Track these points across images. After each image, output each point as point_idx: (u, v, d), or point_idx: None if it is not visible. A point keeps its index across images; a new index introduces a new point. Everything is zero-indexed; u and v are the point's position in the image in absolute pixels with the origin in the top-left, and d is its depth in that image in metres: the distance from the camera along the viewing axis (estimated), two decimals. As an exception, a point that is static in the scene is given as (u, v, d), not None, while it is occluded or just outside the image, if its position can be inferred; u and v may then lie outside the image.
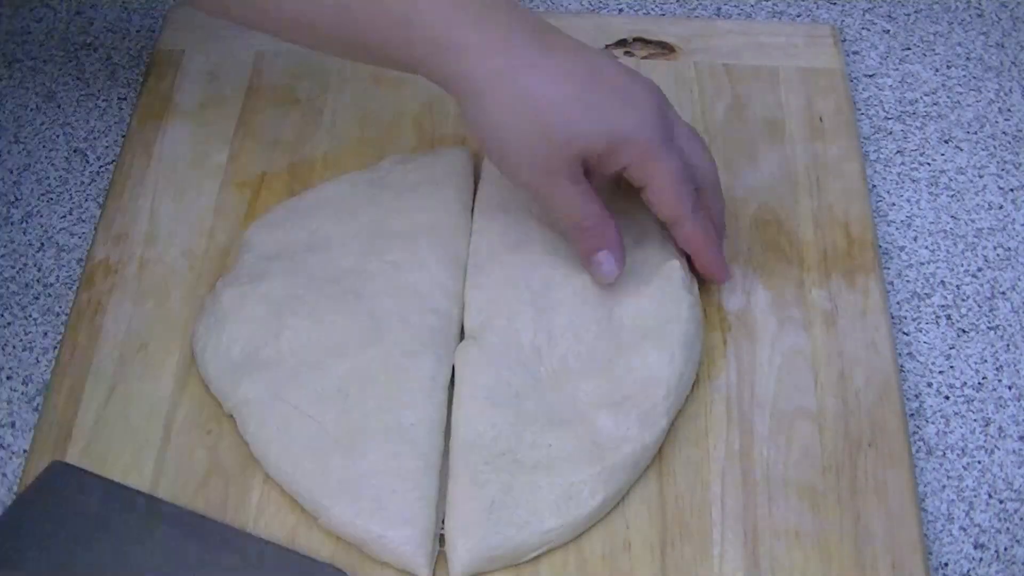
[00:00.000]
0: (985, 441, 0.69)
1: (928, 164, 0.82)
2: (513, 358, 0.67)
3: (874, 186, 0.80)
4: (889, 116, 0.84)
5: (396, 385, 0.66)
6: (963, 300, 0.75)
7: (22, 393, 0.70)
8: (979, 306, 0.75)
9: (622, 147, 0.64)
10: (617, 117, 0.64)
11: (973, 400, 0.71)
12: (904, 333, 0.73)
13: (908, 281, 0.76)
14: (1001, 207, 0.80)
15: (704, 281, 0.72)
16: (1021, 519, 0.66)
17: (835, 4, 0.91)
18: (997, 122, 0.84)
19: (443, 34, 0.64)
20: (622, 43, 0.86)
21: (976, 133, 0.83)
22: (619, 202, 0.70)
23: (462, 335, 0.70)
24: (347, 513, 0.62)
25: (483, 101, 0.64)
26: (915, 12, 0.91)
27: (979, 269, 0.77)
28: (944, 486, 0.67)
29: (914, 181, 0.81)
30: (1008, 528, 0.66)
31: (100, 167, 0.81)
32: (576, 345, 0.67)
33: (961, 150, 0.83)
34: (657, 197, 0.67)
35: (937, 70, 0.87)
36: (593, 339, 0.68)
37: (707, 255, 0.70)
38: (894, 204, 0.80)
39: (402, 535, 0.62)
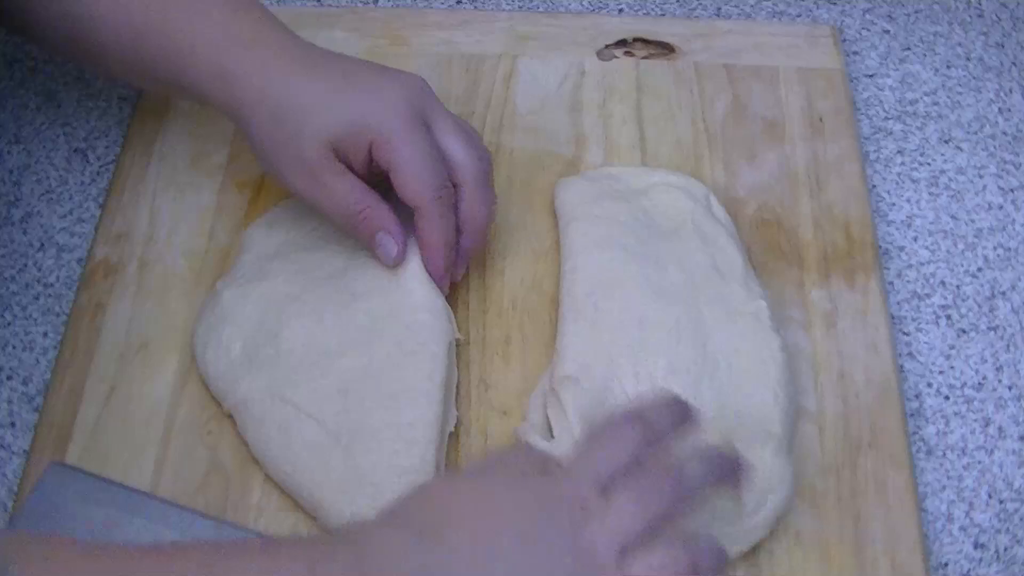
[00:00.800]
0: (985, 441, 0.69)
1: (928, 164, 0.82)
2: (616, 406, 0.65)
3: (874, 186, 0.80)
4: (889, 116, 0.84)
5: (393, 384, 0.66)
6: (963, 300, 0.75)
7: (22, 393, 0.70)
8: (979, 306, 0.75)
9: (364, 130, 0.66)
10: (360, 107, 0.67)
11: (973, 400, 0.71)
12: (904, 333, 0.73)
13: (908, 281, 0.76)
14: (1001, 207, 0.80)
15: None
16: (1021, 519, 0.66)
17: (835, 4, 0.91)
18: (997, 122, 0.84)
19: (217, 63, 0.68)
20: (622, 43, 0.86)
21: (976, 133, 0.83)
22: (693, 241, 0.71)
23: (460, 337, 0.70)
24: (345, 512, 0.62)
25: (250, 124, 0.68)
26: (915, 12, 0.91)
27: (979, 269, 0.77)
28: (944, 486, 0.67)
29: (914, 181, 0.81)
30: (1008, 528, 0.66)
31: (100, 167, 0.81)
32: (680, 390, 0.65)
33: (961, 150, 0.83)
34: (398, 179, 0.67)
35: (937, 70, 0.87)
36: (694, 383, 0.66)
37: (432, 249, 0.68)
38: (894, 204, 0.80)
39: None
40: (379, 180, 0.68)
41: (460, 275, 0.72)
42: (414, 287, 0.69)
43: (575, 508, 0.53)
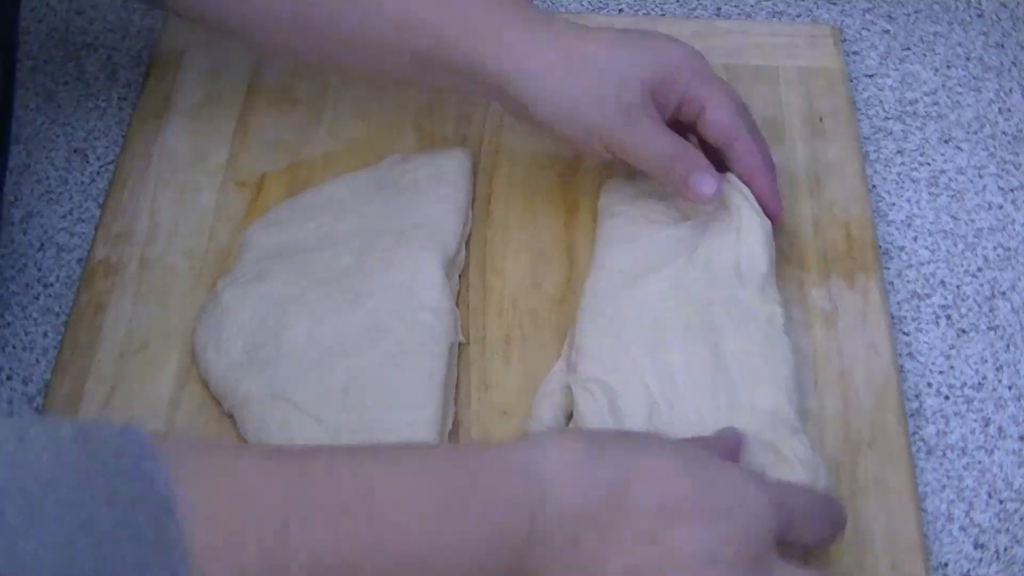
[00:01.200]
0: (985, 441, 0.69)
1: (928, 164, 0.82)
2: (644, 410, 0.65)
3: (874, 186, 0.80)
4: (889, 116, 0.84)
5: (394, 384, 0.66)
6: (963, 300, 0.75)
7: (22, 393, 0.70)
8: (979, 306, 0.75)
9: (680, 72, 0.70)
10: (668, 50, 0.70)
11: (973, 400, 0.71)
12: (904, 333, 0.73)
13: (908, 281, 0.76)
14: (1001, 207, 0.80)
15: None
16: (1021, 519, 0.66)
17: (835, 4, 0.91)
18: (997, 122, 0.84)
19: (498, 33, 0.69)
20: (622, 43, 0.86)
21: (976, 133, 0.83)
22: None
23: (462, 335, 0.70)
24: None
25: (546, 79, 0.69)
26: (915, 12, 0.91)
27: (979, 269, 0.76)
28: (944, 486, 0.67)
29: (914, 181, 0.81)
30: (1008, 528, 0.66)
31: (100, 167, 0.81)
32: (698, 392, 0.66)
33: (961, 150, 0.83)
34: (716, 116, 0.70)
35: (937, 70, 0.87)
36: (710, 383, 0.66)
37: (765, 180, 0.71)
38: (894, 204, 0.80)
39: None
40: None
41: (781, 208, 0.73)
42: (422, 289, 0.69)
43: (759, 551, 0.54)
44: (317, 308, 0.69)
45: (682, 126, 0.72)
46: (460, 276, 0.73)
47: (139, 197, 0.78)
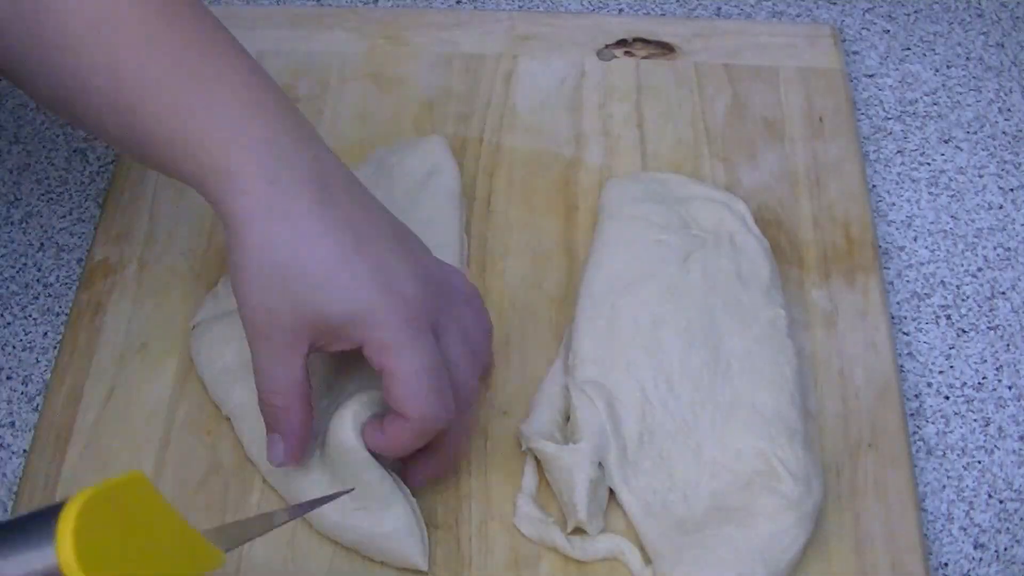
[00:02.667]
0: (985, 441, 0.69)
1: (928, 164, 0.82)
2: (639, 411, 0.65)
3: (874, 186, 0.80)
4: (889, 116, 0.84)
5: None
6: (963, 300, 0.75)
7: (22, 393, 0.70)
8: (979, 306, 0.75)
9: (362, 324, 0.58)
10: (365, 290, 0.58)
11: (973, 400, 0.71)
12: (904, 333, 0.73)
13: (908, 281, 0.76)
14: (1001, 207, 0.80)
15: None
16: (1021, 519, 0.66)
17: (835, 4, 0.91)
18: (997, 122, 0.84)
19: (215, 159, 0.59)
20: (622, 43, 0.86)
21: (976, 133, 0.83)
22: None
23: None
24: (336, 514, 0.62)
25: (237, 238, 0.58)
26: (915, 12, 0.91)
27: (979, 269, 0.77)
28: (944, 486, 0.67)
29: (914, 181, 0.81)
30: (1008, 528, 0.66)
31: (100, 167, 0.81)
32: (696, 393, 0.66)
33: (961, 150, 0.83)
34: (391, 391, 0.59)
35: (937, 70, 0.87)
36: (708, 384, 0.66)
37: (391, 451, 0.61)
38: (894, 204, 0.80)
39: (393, 530, 0.61)
40: None
41: (418, 483, 0.64)
42: None
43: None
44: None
45: None
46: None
47: (139, 197, 0.78)
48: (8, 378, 0.71)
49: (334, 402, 0.64)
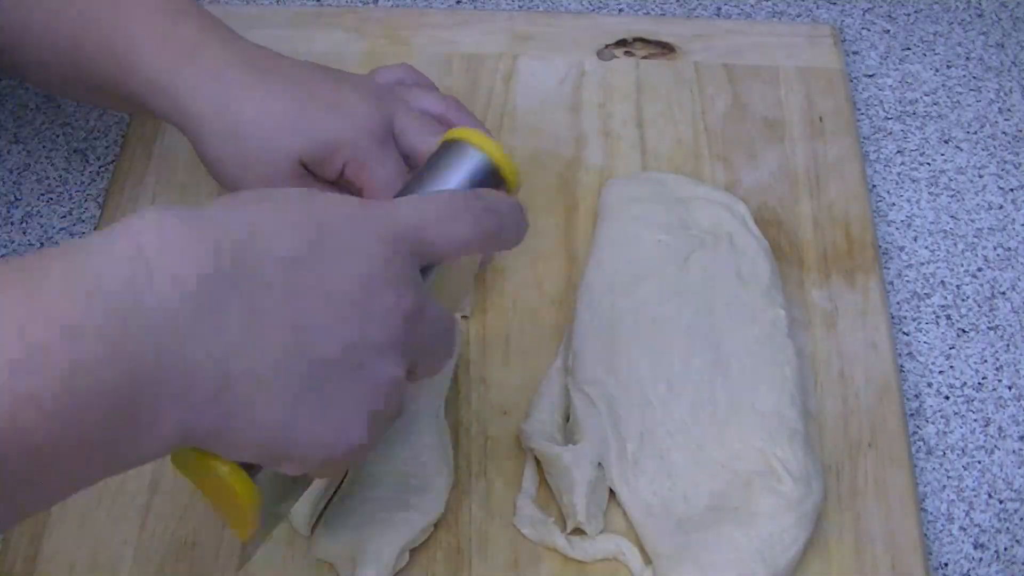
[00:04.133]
0: (985, 441, 0.69)
1: (928, 164, 0.82)
2: (639, 411, 0.65)
3: (874, 186, 0.80)
4: (889, 116, 0.84)
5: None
6: (963, 300, 0.75)
7: (22, 393, 0.70)
8: (979, 306, 0.75)
9: (337, 152, 0.66)
10: (330, 125, 0.65)
11: (973, 400, 0.71)
12: (904, 333, 0.73)
13: (908, 281, 0.76)
14: (1001, 207, 0.80)
15: None
16: (1021, 519, 0.66)
17: (835, 4, 0.91)
18: (997, 122, 0.84)
19: (161, 73, 0.65)
20: (622, 43, 0.86)
21: (976, 133, 0.83)
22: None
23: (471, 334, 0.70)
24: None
25: (203, 139, 0.65)
26: (915, 12, 0.91)
27: (979, 269, 0.77)
28: (944, 486, 0.67)
29: (914, 181, 0.81)
30: (1008, 528, 0.66)
31: (100, 167, 0.81)
32: (696, 393, 0.66)
33: (961, 150, 0.83)
34: (374, 177, 0.66)
35: (937, 70, 0.87)
36: (708, 383, 0.66)
37: None
38: (894, 204, 0.80)
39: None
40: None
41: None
42: None
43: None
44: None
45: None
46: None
47: (139, 197, 0.78)
48: (8, 378, 0.71)
49: None
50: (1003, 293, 0.75)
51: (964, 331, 0.74)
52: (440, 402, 0.66)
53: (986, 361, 0.72)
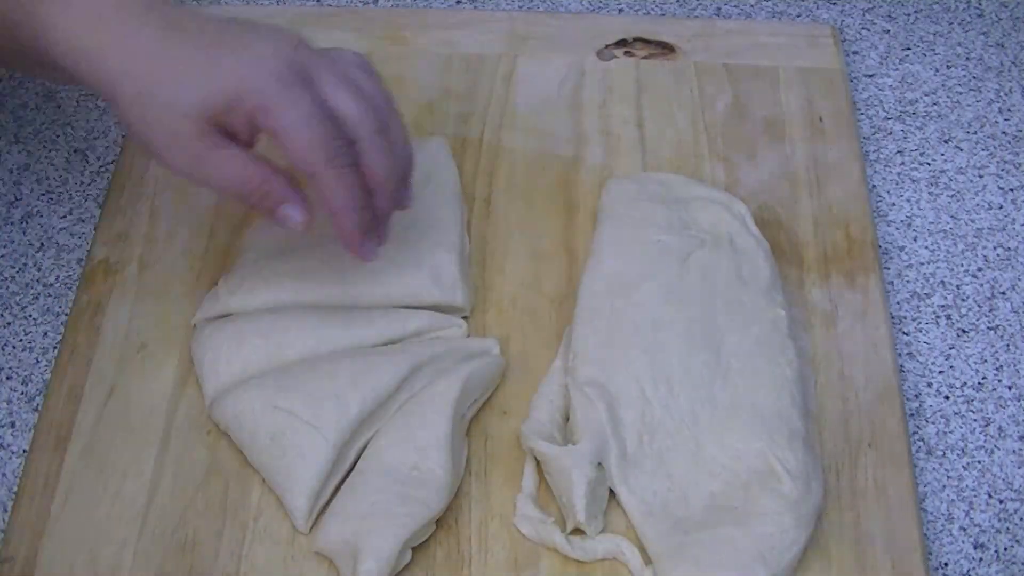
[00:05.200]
0: (985, 441, 0.69)
1: (928, 164, 0.82)
2: (639, 412, 0.65)
3: (874, 186, 0.80)
4: (889, 116, 0.84)
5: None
6: (963, 300, 0.75)
7: (22, 393, 0.70)
8: (979, 306, 0.75)
9: (240, 99, 0.61)
10: (232, 71, 0.61)
11: (973, 400, 0.71)
12: (904, 333, 0.73)
13: (908, 281, 0.76)
14: (1001, 207, 0.80)
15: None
16: (1021, 519, 0.66)
17: (835, 4, 0.91)
18: (997, 122, 0.84)
19: (77, 37, 0.62)
20: (622, 43, 0.86)
21: (976, 133, 0.83)
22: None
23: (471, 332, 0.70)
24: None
25: (117, 101, 0.62)
26: (915, 12, 0.91)
27: (979, 269, 0.77)
28: (944, 486, 0.67)
29: (914, 181, 0.81)
30: (1008, 528, 0.66)
31: (100, 167, 0.81)
32: (696, 393, 0.66)
33: (961, 150, 0.83)
34: (285, 147, 0.61)
35: (937, 70, 0.87)
36: (707, 384, 0.66)
37: (338, 216, 0.63)
38: (894, 204, 0.80)
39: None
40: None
41: (384, 238, 0.66)
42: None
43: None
44: (317, 311, 0.69)
45: None
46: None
47: (139, 197, 0.78)
48: (8, 378, 0.71)
49: None
50: (1003, 293, 0.75)
51: (964, 331, 0.74)
52: (469, 405, 0.67)
53: (986, 361, 0.72)
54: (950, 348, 0.73)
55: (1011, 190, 0.80)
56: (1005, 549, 0.65)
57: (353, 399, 0.65)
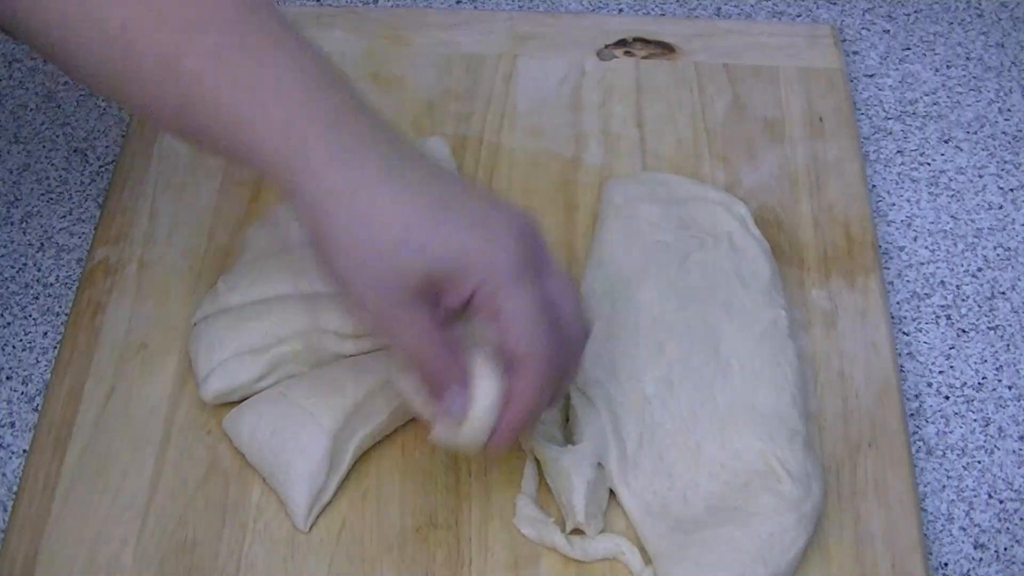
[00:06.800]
0: (985, 441, 0.69)
1: (928, 164, 0.82)
2: (639, 412, 0.65)
3: (874, 186, 0.80)
4: (889, 116, 0.84)
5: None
6: (963, 300, 0.75)
7: (22, 393, 0.70)
8: (979, 306, 0.75)
9: (468, 275, 0.57)
10: (467, 238, 0.57)
11: (973, 400, 0.71)
12: (904, 333, 0.73)
13: (908, 281, 0.76)
14: (1001, 207, 0.80)
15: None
16: (1021, 519, 0.66)
17: (835, 4, 0.91)
18: (997, 122, 0.84)
19: (286, 146, 0.57)
20: (622, 43, 0.86)
21: (976, 133, 0.83)
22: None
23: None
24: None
25: (322, 224, 0.57)
26: (915, 12, 0.91)
27: (979, 269, 0.77)
28: (944, 486, 0.67)
29: (914, 181, 0.81)
30: (1008, 528, 0.66)
31: (100, 167, 0.81)
32: (696, 393, 0.66)
33: (961, 150, 0.83)
34: (507, 332, 0.57)
35: (937, 70, 0.87)
36: (707, 384, 0.66)
37: (518, 407, 0.59)
38: (894, 204, 0.80)
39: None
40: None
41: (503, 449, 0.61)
42: None
43: None
44: (317, 309, 0.69)
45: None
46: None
47: (139, 197, 0.78)
48: (8, 378, 0.71)
49: None
50: (1003, 293, 0.75)
51: (964, 331, 0.74)
52: None
53: (986, 361, 0.72)
54: (950, 348, 0.73)
55: (1011, 190, 0.80)
56: (1005, 549, 0.65)
57: (349, 388, 0.65)
